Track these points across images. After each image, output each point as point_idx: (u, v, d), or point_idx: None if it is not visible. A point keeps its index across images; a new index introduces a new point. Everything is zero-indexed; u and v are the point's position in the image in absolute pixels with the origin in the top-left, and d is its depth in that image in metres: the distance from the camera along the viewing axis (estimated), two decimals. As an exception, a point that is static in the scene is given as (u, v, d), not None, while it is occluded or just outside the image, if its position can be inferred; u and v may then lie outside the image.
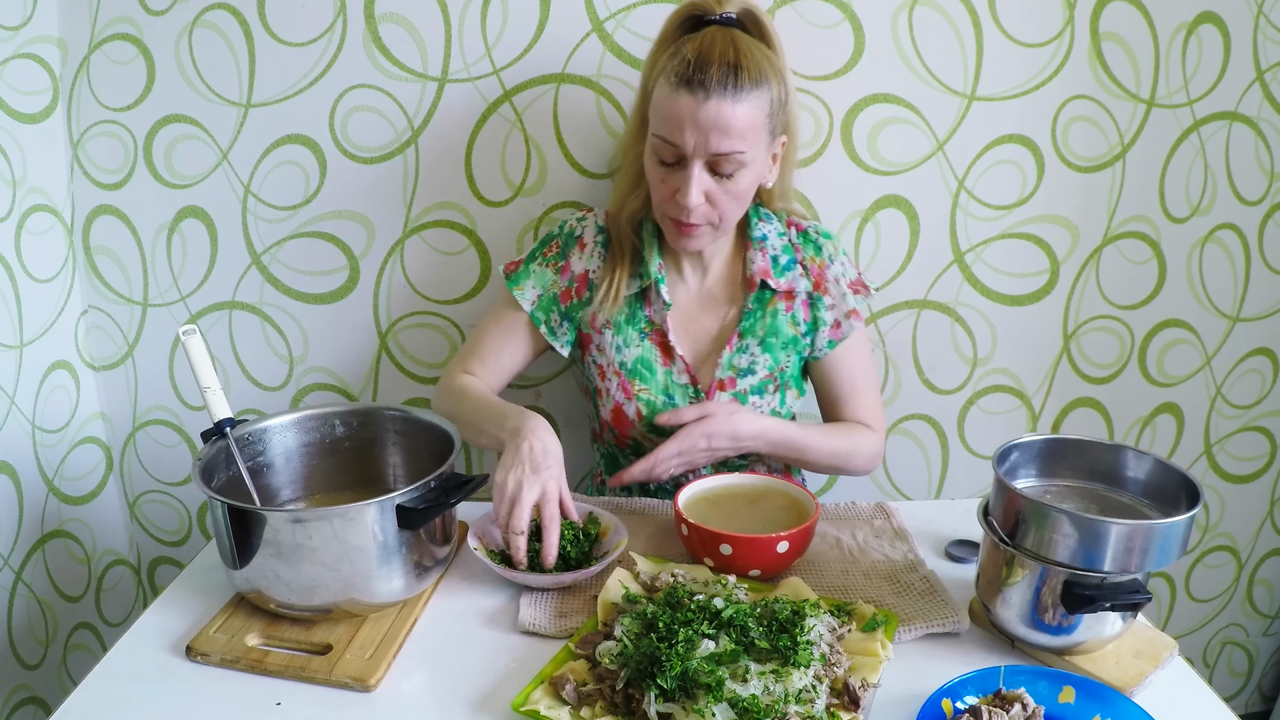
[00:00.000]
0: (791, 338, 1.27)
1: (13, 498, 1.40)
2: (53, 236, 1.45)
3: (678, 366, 1.26)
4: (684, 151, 1.09)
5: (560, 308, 1.28)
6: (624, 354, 1.27)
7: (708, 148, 1.08)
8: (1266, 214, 1.54)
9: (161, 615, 0.99)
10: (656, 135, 1.11)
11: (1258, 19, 1.42)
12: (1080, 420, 1.63)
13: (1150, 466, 0.96)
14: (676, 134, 1.09)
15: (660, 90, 1.10)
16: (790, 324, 1.27)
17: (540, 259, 1.30)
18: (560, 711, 0.81)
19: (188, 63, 1.39)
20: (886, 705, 0.85)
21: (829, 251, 1.29)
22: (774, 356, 1.27)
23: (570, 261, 1.28)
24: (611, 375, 1.27)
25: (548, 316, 1.29)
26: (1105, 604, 0.85)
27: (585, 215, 1.31)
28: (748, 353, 1.26)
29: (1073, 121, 1.45)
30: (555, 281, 1.28)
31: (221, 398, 1.02)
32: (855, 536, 1.15)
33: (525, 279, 1.29)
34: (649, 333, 1.27)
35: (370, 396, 1.57)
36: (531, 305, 1.28)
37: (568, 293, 1.28)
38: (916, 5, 1.38)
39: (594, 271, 1.27)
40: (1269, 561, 1.78)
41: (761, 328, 1.26)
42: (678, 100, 1.07)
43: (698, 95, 1.06)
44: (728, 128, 1.08)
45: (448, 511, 0.98)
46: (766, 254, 1.27)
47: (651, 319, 1.27)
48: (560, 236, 1.30)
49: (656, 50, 1.17)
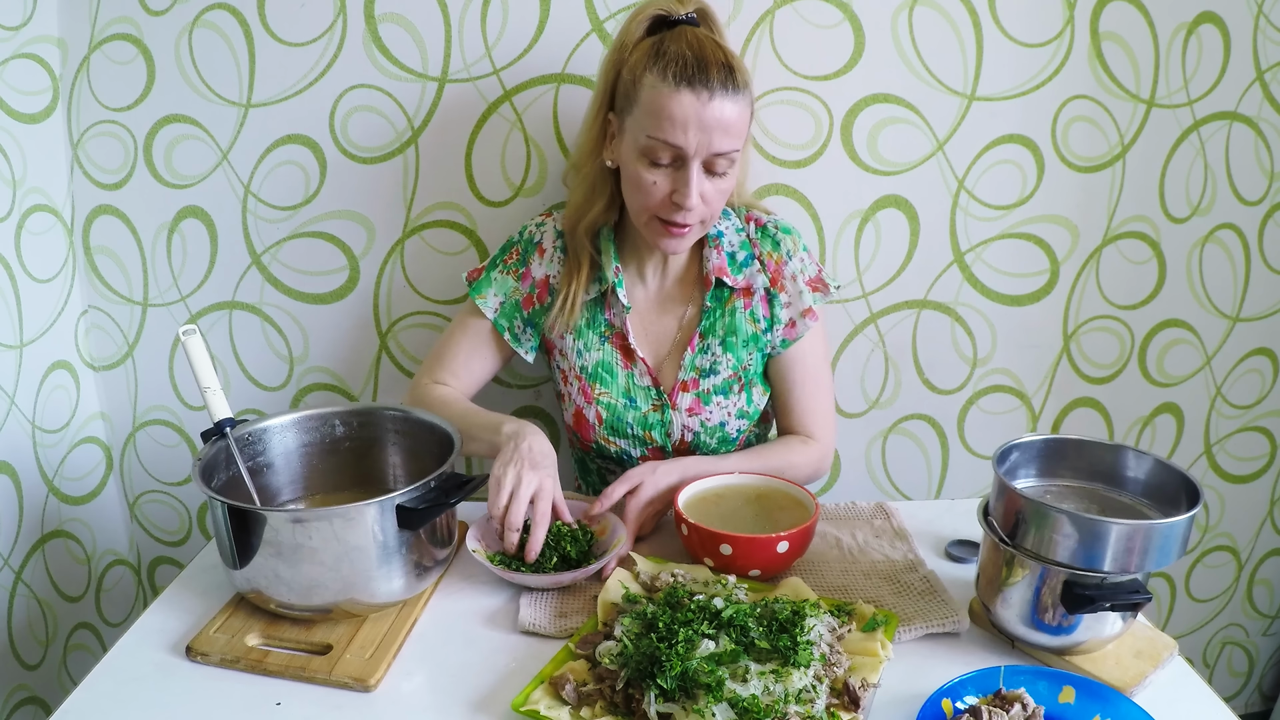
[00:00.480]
0: (752, 335, 1.26)
1: (13, 498, 1.40)
2: (53, 236, 1.45)
3: (639, 369, 1.26)
4: (685, 152, 1.08)
5: (523, 314, 1.28)
6: (584, 358, 1.26)
7: (710, 147, 1.08)
8: (1266, 214, 1.54)
9: (161, 615, 0.99)
10: (654, 137, 1.08)
11: (1258, 19, 1.42)
12: (1080, 420, 1.63)
13: (1150, 466, 0.96)
14: (679, 135, 1.07)
15: (654, 91, 1.07)
16: (750, 321, 1.25)
17: (501, 266, 1.29)
18: (560, 711, 0.81)
19: (188, 63, 1.39)
20: (886, 705, 0.85)
21: (787, 247, 1.26)
22: (736, 355, 1.25)
23: (530, 268, 1.28)
24: (573, 379, 1.28)
25: (511, 324, 1.28)
26: (1105, 604, 0.85)
27: (544, 220, 1.30)
28: (709, 353, 1.25)
29: (1073, 121, 1.45)
30: (516, 288, 1.28)
31: (221, 398, 1.02)
32: (855, 536, 1.15)
33: (487, 287, 1.29)
34: (609, 336, 1.26)
35: (370, 396, 1.57)
36: (494, 313, 1.28)
37: (529, 299, 1.28)
38: (916, 5, 1.38)
39: (554, 277, 1.27)
40: (1269, 561, 1.78)
41: (722, 326, 1.25)
42: (680, 100, 1.06)
43: (701, 95, 1.05)
44: (729, 127, 1.07)
45: (448, 511, 0.98)
46: (722, 251, 1.25)
47: (611, 322, 1.26)
48: (520, 243, 1.30)
49: (621, 53, 1.14)
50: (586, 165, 1.21)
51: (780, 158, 1.44)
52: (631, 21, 1.14)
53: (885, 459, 1.63)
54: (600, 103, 1.17)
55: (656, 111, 1.07)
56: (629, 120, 1.12)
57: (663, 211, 1.13)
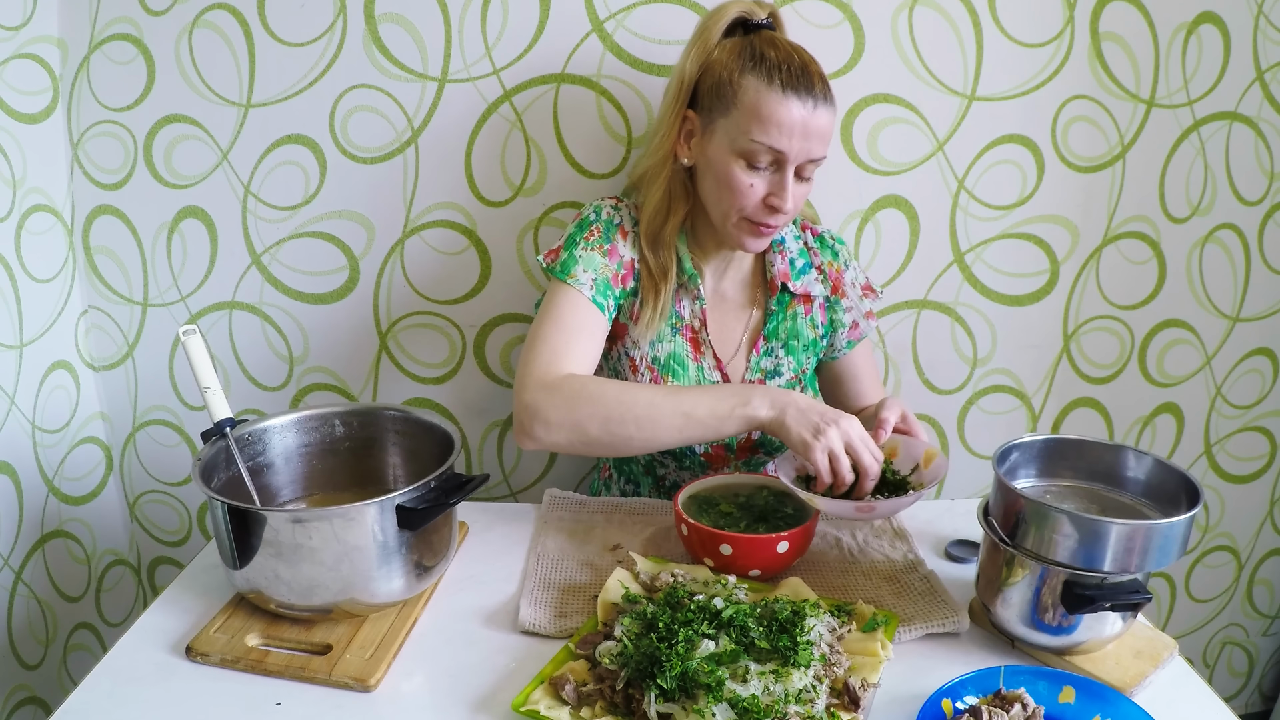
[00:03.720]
0: (812, 340, 1.30)
1: (13, 498, 1.40)
2: (53, 236, 1.45)
3: (709, 363, 1.26)
4: (786, 157, 1.10)
5: (613, 291, 1.21)
6: (657, 349, 1.25)
7: (808, 154, 1.11)
8: (1266, 214, 1.54)
9: (161, 615, 0.99)
10: (759, 141, 1.09)
11: (1258, 19, 1.42)
12: (1080, 420, 1.63)
13: (1150, 466, 0.96)
14: (784, 140, 1.08)
15: (759, 95, 1.08)
16: (810, 327, 1.30)
17: (584, 244, 1.21)
18: (560, 711, 0.81)
19: (188, 63, 1.39)
20: (886, 705, 0.85)
21: (844, 257, 1.33)
22: (797, 359, 1.29)
23: (616, 245, 1.22)
24: (645, 370, 1.25)
25: (605, 299, 1.20)
26: (1105, 604, 0.85)
27: (618, 204, 1.26)
28: (773, 355, 1.28)
29: (1073, 121, 1.45)
30: (605, 265, 1.21)
31: (221, 398, 1.02)
32: (855, 536, 1.15)
33: (574, 265, 1.19)
34: (680, 328, 1.26)
35: (370, 396, 1.57)
36: (591, 290, 1.19)
37: (617, 277, 1.22)
38: (916, 5, 1.38)
39: (638, 261, 1.24)
40: (1269, 561, 1.78)
41: (784, 331, 1.28)
42: (789, 107, 1.08)
43: (807, 103, 1.08)
44: (825, 134, 1.11)
45: (448, 511, 0.98)
46: (785, 257, 1.28)
47: (681, 314, 1.26)
48: (599, 222, 1.23)
49: (705, 53, 1.14)
50: (661, 168, 1.20)
51: (780, 158, 1.44)
52: (711, 21, 1.15)
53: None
54: (680, 101, 1.17)
55: (765, 117, 1.08)
56: (723, 121, 1.12)
57: (756, 214, 1.14)
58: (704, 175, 1.17)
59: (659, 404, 1.08)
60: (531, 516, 1.22)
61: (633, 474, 1.35)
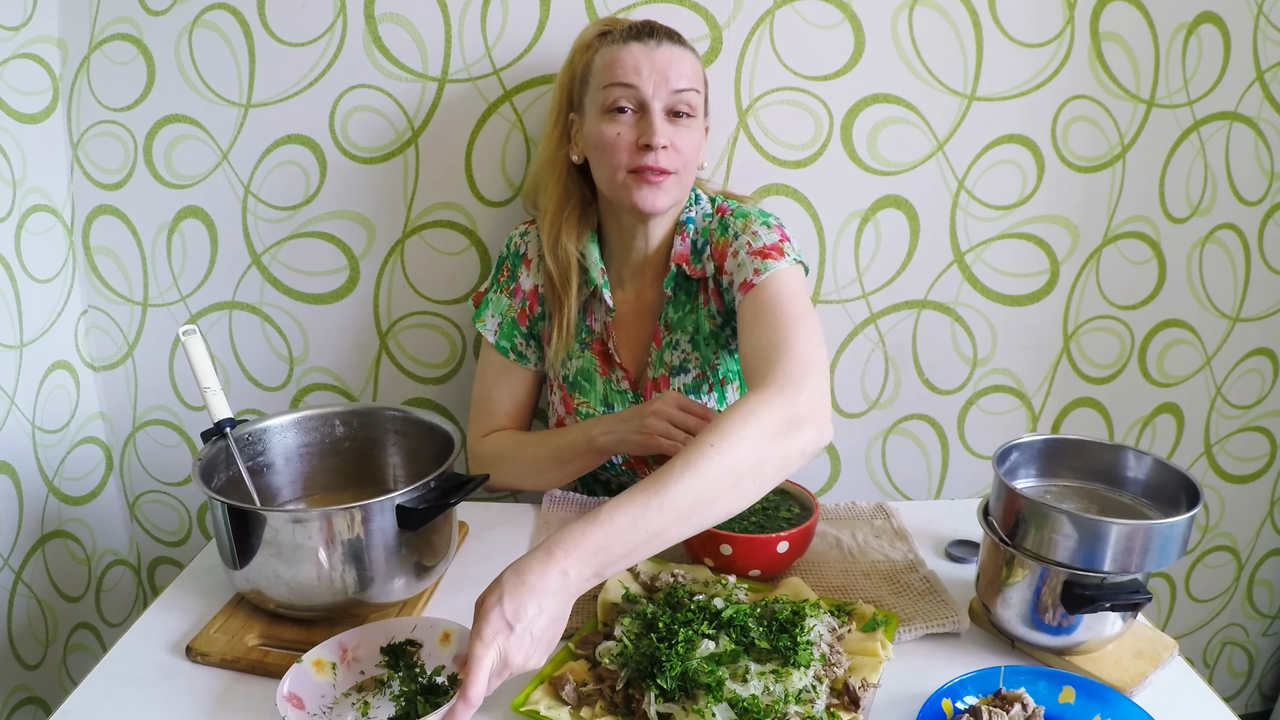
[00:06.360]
0: (712, 332, 1.23)
1: (13, 498, 1.40)
2: (53, 236, 1.45)
3: (617, 374, 1.25)
4: (643, 94, 1.10)
5: (521, 330, 1.28)
6: (567, 366, 1.26)
7: (667, 85, 1.11)
8: (1266, 214, 1.54)
9: (161, 615, 0.99)
10: (611, 84, 1.11)
11: (1258, 19, 1.42)
12: (1080, 420, 1.63)
13: (1150, 466, 0.96)
14: (632, 75, 1.10)
15: (605, 55, 1.13)
16: (709, 318, 1.23)
17: (495, 285, 1.30)
18: (560, 711, 0.81)
19: (188, 63, 1.39)
20: (886, 705, 0.85)
21: (735, 228, 1.16)
22: (703, 354, 1.24)
23: (520, 281, 1.28)
24: (556, 389, 1.28)
25: (512, 342, 1.28)
26: (1105, 604, 0.85)
27: (527, 229, 1.30)
28: (678, 349, 1.24)
29: (1073, 121, 1.45)
30: (510, 305, 1.28)
31: (221, 398, 1.02)
32: (855, 536, 1.15)
33: (485, 310, 1.30)
34: (589, 342, 1.26)
35: (370, 396, 1.57)
36: (495, 335, 1.28)
37: (523, 313, 1.28)
38: (916, 5, 1.38)
39: (542, 285, 1.27)
40: (1269, 561, 1.78)
41: (691, 322, 1.23)
42: (630, 50, 1.11)
43: (649, 43, 1.12)
44: (678, 68, 1.12)
45: (447, 511, 0.98)
46: (687, 238, 1.21)
47: (592, 328, 1.26)
48: (508, 257, 1.30)
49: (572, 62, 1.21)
50: (552, 172, 1.22)
51: (780, 158, 1.44)
52: (579, 38, 1.22)
53: (885, 459, 1.63)
54: (559, 111, 1.22)
55: (610, 64, 1.13)
56: (587, 99, 1.16)
57: (633, 159, 1.12)
58: (590, 157, 1.18)
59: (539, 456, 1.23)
60: (531, 516, 1.22)
61: (586, 486, 1.37)
